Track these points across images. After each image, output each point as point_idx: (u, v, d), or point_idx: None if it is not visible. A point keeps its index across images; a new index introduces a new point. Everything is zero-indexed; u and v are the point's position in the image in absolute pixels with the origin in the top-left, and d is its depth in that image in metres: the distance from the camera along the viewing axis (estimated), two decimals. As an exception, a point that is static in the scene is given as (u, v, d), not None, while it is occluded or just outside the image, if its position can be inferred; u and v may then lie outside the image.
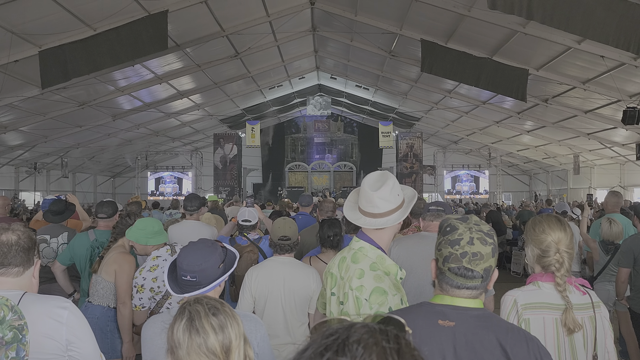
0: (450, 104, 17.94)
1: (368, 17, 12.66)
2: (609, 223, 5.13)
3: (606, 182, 20.10)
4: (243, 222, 4.23)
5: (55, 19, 9.53)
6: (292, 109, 25.94)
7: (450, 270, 1.54)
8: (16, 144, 17.09)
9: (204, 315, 1.43)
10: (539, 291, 2.06)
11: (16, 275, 1.90)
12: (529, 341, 1.49)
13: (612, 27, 7.50)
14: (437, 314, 1.52)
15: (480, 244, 1.52)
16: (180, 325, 1.43)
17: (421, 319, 1.52)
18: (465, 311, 1.52)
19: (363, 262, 2.01)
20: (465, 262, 1.51)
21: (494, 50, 11.83)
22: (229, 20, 12.33)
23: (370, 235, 2.07)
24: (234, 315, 1.49)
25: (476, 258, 1.51)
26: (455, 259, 1.53)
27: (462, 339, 1.46)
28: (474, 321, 1.50)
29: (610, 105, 13.12)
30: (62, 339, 1.86)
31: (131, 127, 19.13)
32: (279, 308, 2.96)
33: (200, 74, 15.35)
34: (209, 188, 24.76)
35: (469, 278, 1.51)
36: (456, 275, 1.52)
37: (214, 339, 1.41)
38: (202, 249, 2.04)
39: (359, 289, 1.94)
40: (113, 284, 3.55)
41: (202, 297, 1.52)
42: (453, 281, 1.54)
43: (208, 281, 2.00)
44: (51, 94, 12.51)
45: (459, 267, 1.51)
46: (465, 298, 1.54)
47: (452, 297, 1.55)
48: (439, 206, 3.21)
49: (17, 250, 1.90)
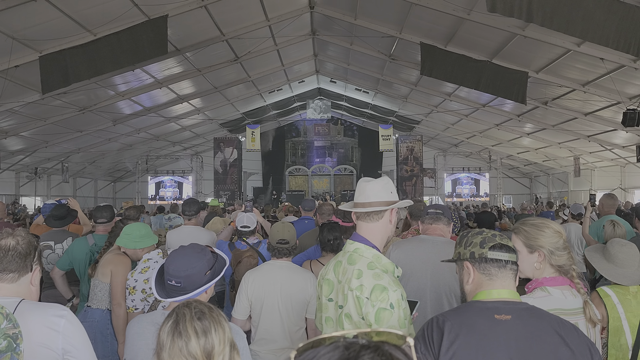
0: (450, 106, 17.94)
1: (368, 20, 12.68)
2: (612, 225, 5.10)
3: (607, 185, 20.07)
4: (242, 228, 4.22)
5: (56, 24, 9.56)
6: (292, 112, 25.96)
7: (492, 249, 1.68)
8: (17, 149, 17.11)
9: (189, 318, 1.45)
10: (550, 297, 2.00)
11: (11, 281, 1.87)
12: (578, 331, 1.59)
13: (612, 29, 7.50)
14: (491, 310, 1.60)
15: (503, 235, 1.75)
16: (166, 327, 1.45)
17: (479, 317, 1.59)
18: (514, 304, 1.62)
19: (360, 262, 2.01)
20: (498, 240, 1.68)
21: (493, 53, 11.84)
22: (228, 25, 12.35)
23: (364, 234, 2.08)
24: (220, 321, 1.49)
25: (503, 238, 1.70)
26: (490, 239, 1.69)
27: (521, 330, 1.53)
28: (526, 313, 1.59)
29: (610, 108, 13.10)
30: (58, 348, 1.84)
31: (131, 132, 19.16)
32: (275, 312, 2.95)
33: (201, 78, 15.38)
34: (210, 192, 24.76)
35: (511, 251, 1.68)
36: (500, 250, 1.67)
37: (195, 342, 1.41)
38: (190, 255, 2.03)
39: (359, 289, 1.93)
40: (109, 285, 3.56)
41: (192, 301, 1.53)
42: (500, 261, 1.66)
43: (193, 287, 1.99)
44: (52, 99, 12.53)
45: (496, 245, 1.68)
46: (509, 289, 1.65)
47: (498, 290, 1.65)
48: (437, 209, 3.20)
49: (13, 255, 1.88)
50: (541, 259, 2.07)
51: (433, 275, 2.89)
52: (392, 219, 2.12)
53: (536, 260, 2.07)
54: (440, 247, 2.99)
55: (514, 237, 2.16)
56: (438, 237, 3.10)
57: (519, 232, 2.15)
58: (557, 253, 2.06)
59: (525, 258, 2.08)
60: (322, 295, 2.18)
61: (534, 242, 2.08)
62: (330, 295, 2.11)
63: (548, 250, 2.06)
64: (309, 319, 3.06)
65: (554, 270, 2.07)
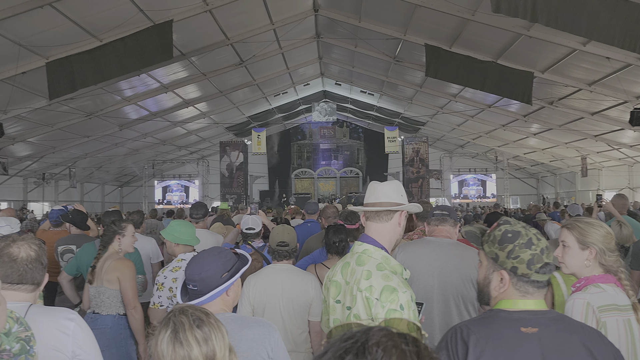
0: (456, 108, 17.91)
1: (372, 23, 12.69)
2: (619, 226, 5.07)
3: (614, 184, 19.94)
4: (247, 230, 4.24)
5: (62, 30, 9.64)
6: (297, 115, 26.00)
7: (537, 272, 1.58)
8: (24, 154, 17.24)
9: (188, 327, 1.43)
10: (605, 293, 2.02)
11: (32, 292, 1.91)
12: (603, 338, 1.54)
13: (618, 28, 7.47)
14: (517, 322, 1.54)
15: (537, 239, 1.61)
16: (164, 337, 1.42)
17: (505, 329, 1.53)
18: (542, 315, 1.56)
19: (369, 263, 2.01)
20: (545, 258, 1.58)
21: (498, 53, 11.82)
22: (233, 29, 12.40)
23: (372, 235, 2.09)
24: (219, 327, 1.49)
25: (549, 250, 1.60)
26: (538, 259, 1.58)
27: (548, 344, 1.49)
28: (554, 324, 1.53)
29: (617, 107, 13.03)
30: (68, 351, 1.87)
31: (138, 137, 19.26)
32: (277, 316, 2.94)
33: (206, 83, 15.44)
34: (216, 196, 24.83)
35: (553, 270, 1.60)
36: (544, 271, 1.58)
37: (198, 351, 1.41)
38: (205, 258, 2.03)
39: (369, 289, 1.93)
40: (118, 291, 3.56)
41: (187, 308, 1.51)
42: (540, 282, 1.59)
43: (208, 289, 1.98)
44: (59, 104, 12.62)
45: (543, 266, 1.58)
46: (537, 299, 1.59)
47: (525, 300, 1.59)
48: (443, 210, 3.19)
49: (36, 267, 1.91)
50: (592, 256, 2.09)
51: (440, 277, 2.87)
52: (402, 221, 2.12)
53: (587, 257, 2.10)
54: (447, 248, 2.98)
55: (566, 232, 2.17)
56: (444, 238, 3.09)
57: (572, 228, 2.16)
58: (608, 253, 2.09)
59: (577, 254, 2.11)
60: (329, 297, 2.17)
61: (588, 238, 2.10)
62: (337, 297, 2.11)
63: (600, 249, 2.09)
64: (312, 321, 3.04)
65: (602, 269, 2.09)
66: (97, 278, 3.59)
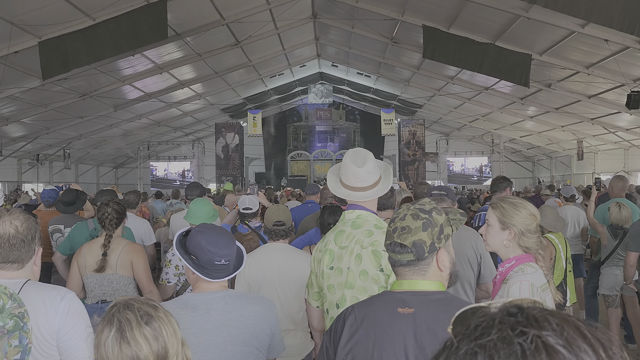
0: (453, 90, 17.82)
1: (369, 3, 12.53)
2: (618, 207, 5.09)
3: (610, 168, 20.00)
4: (244, 210, 4.23)
5: (55, 9, 9.47)
6: (293, 97, 25.85)
7: (387, 248, 1.59)
8: (18, 135, 17.10)
9: (135, 325, 1.29)
10: (540, 272, 2.06)
11: (16, 269, 1.87)
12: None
13: (617, 10, 7.41)
14: (397, 302, 1.53)
15: (412, 218, 1.53)
16: (109, 335, 1.29)
17: (382, 309, 1.54)
18: (425, 295, 1.52)
19: (366, 225, 2.14)
20: (395, 237, 1.54)
21: (496, 35, 11.71)
22: (229, 9, 12.23)
23: (361, 204, 2.23)
24: (170, 321, 1.36)
25: (404, 232, 1.52)
26: (388, 236, 1.57)
27: (422, 325, 1.46)
28: (435, 305, 1.50)
29: (614, 90, 13.00)
30: (54, 330, 1.85)
31: (133, 118, 19.12)
32: (274, 295, 2.94)
33: (201, 63, 15.28)
34: (212, 178, 24.79)
35: (398, 253, 1.53)
36: (392, 252, 1.56)
37: (148, 350, 1.28)
38: (223, 232, 2.01)
39: (374, 244, 2.04)
40: (131, 278, 3.44)
41: (132, 302, 1.35)
42: (391, 258, 1.57)
43: (236, 265, 2.02)
44: (52, 85, 12.48)
45: (391, 243, 1.55)
46: (421, 280, 1.54)
47: (408, 280, 1.56)
48: (441, 190, 3.19)
49: (14, 244, 1.84)
50: (511, 237, 2.10)
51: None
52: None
53: (506, 237, 2.11)
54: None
55: (490, 211, 2.19)
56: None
57: (496, 207, 2.18)
58: (528, 235, 2.09)
59: (497, 234, 2.13)
60: (322, 267, 2.24)
61: (508, 219, 2.11)
62: (331, 264, 2.19)
63: (519, 230, 2.09)
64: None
65: (521, 250, 2.11)
66: (109, 266, 3.36)
